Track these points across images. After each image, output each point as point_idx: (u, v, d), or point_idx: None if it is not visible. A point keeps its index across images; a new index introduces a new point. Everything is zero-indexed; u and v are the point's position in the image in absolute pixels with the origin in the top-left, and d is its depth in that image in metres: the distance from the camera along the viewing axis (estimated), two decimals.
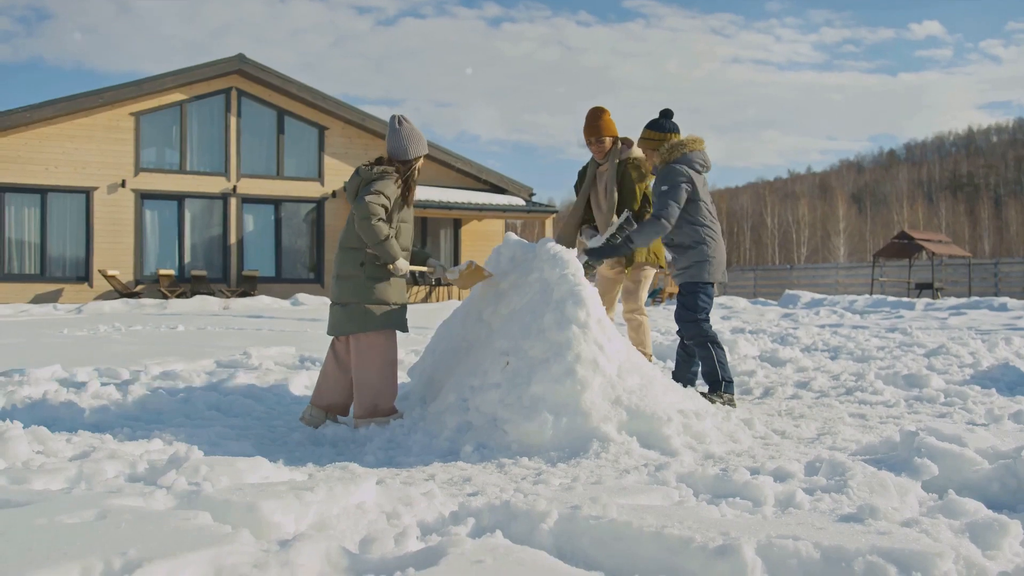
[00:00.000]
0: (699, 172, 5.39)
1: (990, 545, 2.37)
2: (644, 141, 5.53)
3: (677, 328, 5.56)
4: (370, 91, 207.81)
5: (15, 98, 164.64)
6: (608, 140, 5.96)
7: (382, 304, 4.60)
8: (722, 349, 5.37)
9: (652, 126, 5.52)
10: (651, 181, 5.89)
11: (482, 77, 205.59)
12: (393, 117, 4.74)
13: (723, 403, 5.13)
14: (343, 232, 4.69)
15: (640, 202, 5.88)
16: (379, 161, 4.70)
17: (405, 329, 4.71)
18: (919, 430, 3.53)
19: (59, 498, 2.53)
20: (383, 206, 4.48)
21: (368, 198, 4.43)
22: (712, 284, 5.40)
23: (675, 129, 5.49)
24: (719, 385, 5.24)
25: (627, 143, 6.02)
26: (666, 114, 5.58)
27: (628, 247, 5.35)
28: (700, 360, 5.39)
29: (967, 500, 2.75)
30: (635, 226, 5.43)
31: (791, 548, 2.18)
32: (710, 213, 5.42)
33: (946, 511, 2.70)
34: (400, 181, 4.62)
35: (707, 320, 5.39)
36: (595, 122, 5.96)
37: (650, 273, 6.07)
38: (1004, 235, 70.45)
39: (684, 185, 5.24)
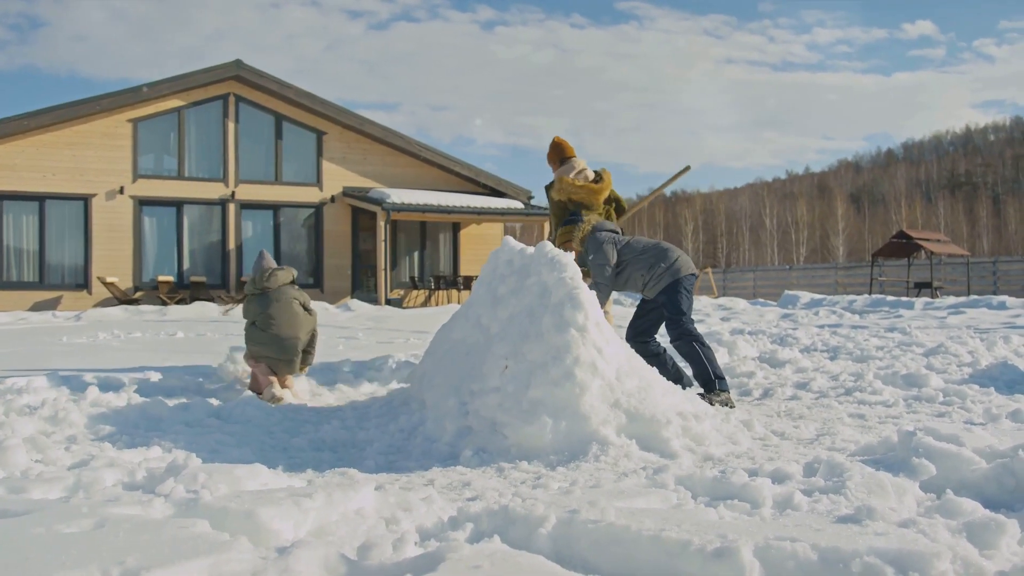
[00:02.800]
0: (612, 232, 5.84)
1: (987, 545, 2.37)
2: (561, 238, 6.02)
3: (628, 333, 5.74)
4: (366, 95, 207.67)
5: (9, 106, 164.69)
6: (553, 169, 6.53)
7: None
8: (708, 347, 5.44)
9: (565, 223, 6.05)
10: (575, 193, 6.30)
11: (477, 80, 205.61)
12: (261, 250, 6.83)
13: (721, 403, 5.15)
14: (307, 321, 6.37)
15: (562, 219, 6.30)
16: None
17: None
18: (917, 430, 3.53)
19: (57, 507, 2.53)
20: None
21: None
22: (688, 276, 5.59)
23: (580, 219, 5.98)
24: (712, 384, 5.28)
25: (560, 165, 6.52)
26: (574, 215, 6.12)
27: None
28: (688, 362, 5.43)
29: (964, 500, 2.76)
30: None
31: (789, 550, 2.18)
32: (645, 241, 5.81)
33: (943, 511, 2.71)
34: None
35: (691, 321, 5.51)
36: (549, 151, 6.58)
37: None
38: (1003, 233, 70.51)
39: (606, 245, 5.67)
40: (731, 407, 5.18)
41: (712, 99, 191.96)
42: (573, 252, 5.85)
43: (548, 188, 6.54)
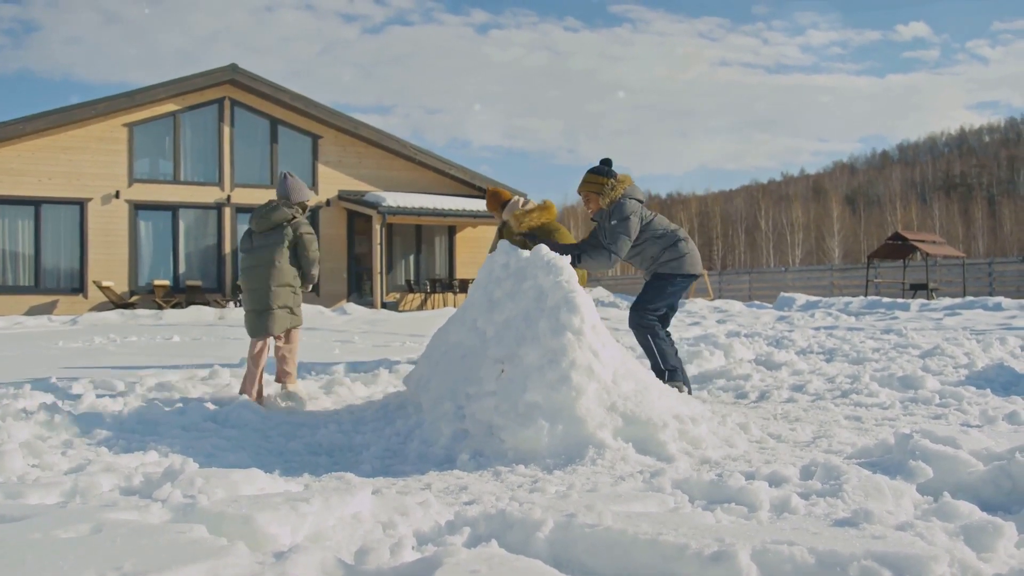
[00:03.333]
0: (640, 202, 5.71)
1: (985, 547, 2.38)
2: (588, 185, 5.73)
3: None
4: (360, 99, 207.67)
5: (5, 111, 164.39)
6: (497, 215, 6.62)
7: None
8: (662, 339, 5.52)
9: (595, 171, 5.76)
10: (531, 219, 6.28)
11: (472, 83, 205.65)
12: (285, 172, 6.39)
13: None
14: (274, 273, 5.87)
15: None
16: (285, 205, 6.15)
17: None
18: (913, 432, 3.54)
19: (54, 512, 2.52)
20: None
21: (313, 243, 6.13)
22: (680, 277, 5.60)
23: (614, 176, 5.71)
24: (663, 375, 5.35)
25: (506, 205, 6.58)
26: (607, 162, 5.86)
27: (574, 263, 5.59)
28: (644, 350, 5.56)
29: (961, 502, 2.76)
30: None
31: (786, 553, 2.18)
32: (667, 224, 5.72)
33: (940, 514, 2.71)
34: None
35: (653, 313, 5.59)
36: (487, 201, 6.73)
37: None
38: (998, 234, 70.59)
39: (633, 217, 5.55)
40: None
41: (706, 101, 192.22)
42: (592, 203, 5.80)
43: (501, 230, 6.61)
